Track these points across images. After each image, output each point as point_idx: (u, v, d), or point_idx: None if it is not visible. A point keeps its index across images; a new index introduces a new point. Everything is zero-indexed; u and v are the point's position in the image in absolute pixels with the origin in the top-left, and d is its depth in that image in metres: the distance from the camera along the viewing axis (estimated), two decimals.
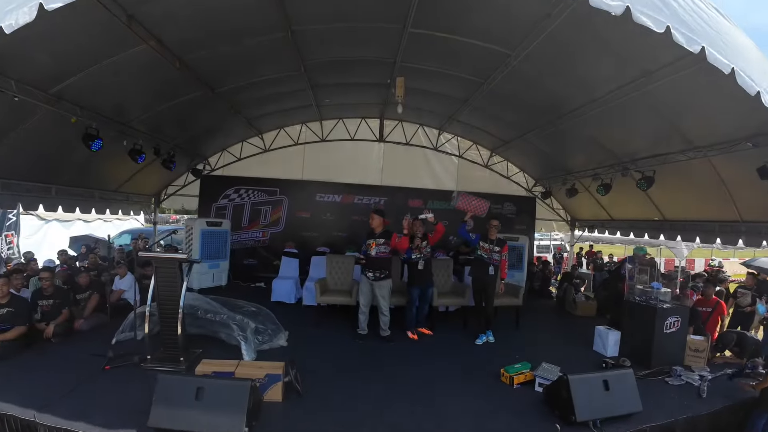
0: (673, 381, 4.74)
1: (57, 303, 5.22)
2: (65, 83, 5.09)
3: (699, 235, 7.56)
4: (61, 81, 5.05)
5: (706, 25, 3.37)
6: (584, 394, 3.56)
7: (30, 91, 4.82)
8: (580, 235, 11.80)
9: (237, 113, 8.15)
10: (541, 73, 6.07)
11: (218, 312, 4.94)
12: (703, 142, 6.01)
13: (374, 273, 5.72)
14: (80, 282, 6.05)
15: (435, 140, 10.55)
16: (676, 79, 4.88)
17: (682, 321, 5.29)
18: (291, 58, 6.28)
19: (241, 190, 10.02)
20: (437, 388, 4.25)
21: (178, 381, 3.31)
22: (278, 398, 3.74)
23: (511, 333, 6.41)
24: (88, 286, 6.00)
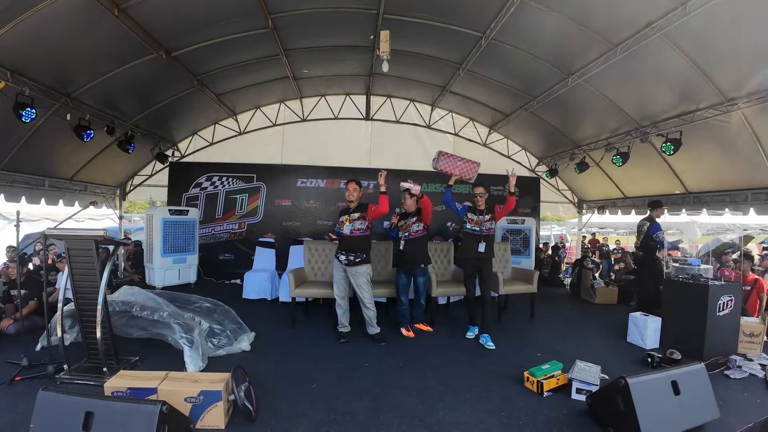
0: (734, 374, 3.86)
1: None
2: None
3: (729, 206, 6.60)
4: None
5: None
6: (650, 402, 2.57)
7: None
8: (588, 219, 10.82)
9: (202, 86, 7.13)
10: (549, 18, 5.14)
11: (158, 309, 3.89)
12: (737, 92, 5.11)
13: (347, 256, 4.62)
14: (11, 275, 5.00)
15: (428, 117, 9.57)
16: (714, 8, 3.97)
17: (735, 301, 4.32)
18: (256, 11, 5.35)
19: (214, 178, 8.98)
20: (442, 403, 3.22)
21: (61, 401, 2.29)
22: (219, 424, 2.72)
23: (526, 326, 5.43)
24: (24, 283, 4.91)
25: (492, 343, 4.57)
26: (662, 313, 4.70)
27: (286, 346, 4.48)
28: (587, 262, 7.82)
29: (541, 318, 5.75)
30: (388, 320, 5.23)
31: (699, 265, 4.69)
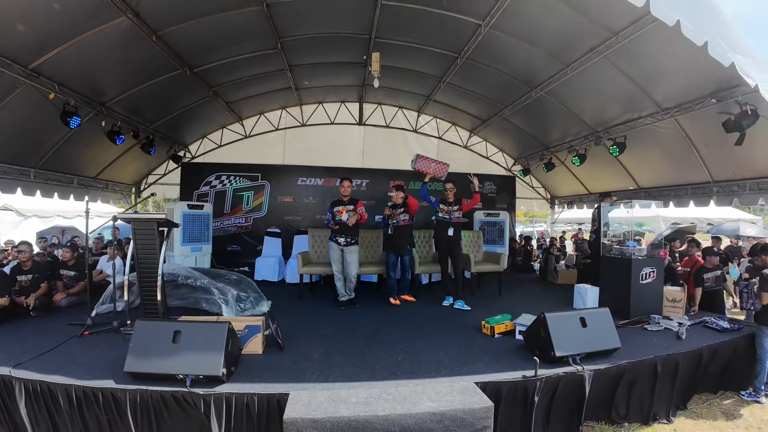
0: (651, 327, 4.90)
1: (36, 278, 5.18)
2: (44, 58, 5.10)
3: (673, 200, 7.76)
4: (40, 56, 5.06)
5: None
6: (562, 330, 3.66)
7: (9, 64, 4.81)
8: (560, 212, 12.00)
9: (216, 96, 8.14)
10: (512, 42, 6.20)
11: (199, 278, 4.94)
12: (669, 103, 6.25)
13: (345, 238, 5.76)
14: (63, 257, 5.98)
15: (414, 122, 10.66)
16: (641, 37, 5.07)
17: (657, 272, 5.46)
18: (268, 34, 6.33)
19: (223, 177, 9.99)
20: (419, 342, 4.31)
21: (154, 326, 3.32)
22: (258, 350, 3.78)
23: (494, 298, 6.54)
24: (73, 263, 5.91)
25: (467, 306, 5.80)
26: (600, 282, 5.84)
27: (298, 311, 5.57)
28: (553, 249, 8.97)
29: (508, 294, 6.88)
30: (379, 293, 6.38)
31: (635, 246, 5.84)
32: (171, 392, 2.99)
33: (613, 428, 3.71)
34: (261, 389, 3.02)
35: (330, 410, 2.70)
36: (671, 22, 3.48)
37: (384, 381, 3.30)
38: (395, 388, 3.11)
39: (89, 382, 3.10)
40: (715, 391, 4.46)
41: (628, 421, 3.78)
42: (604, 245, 6.19)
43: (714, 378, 4.43)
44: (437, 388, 3.12)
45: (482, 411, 2.86)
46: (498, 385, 3.32)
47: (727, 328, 4.77)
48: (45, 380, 3.14)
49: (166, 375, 3.06)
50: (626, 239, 6.06)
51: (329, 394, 2.92)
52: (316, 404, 2.77)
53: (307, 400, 2.82)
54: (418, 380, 3.34)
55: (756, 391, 4.31)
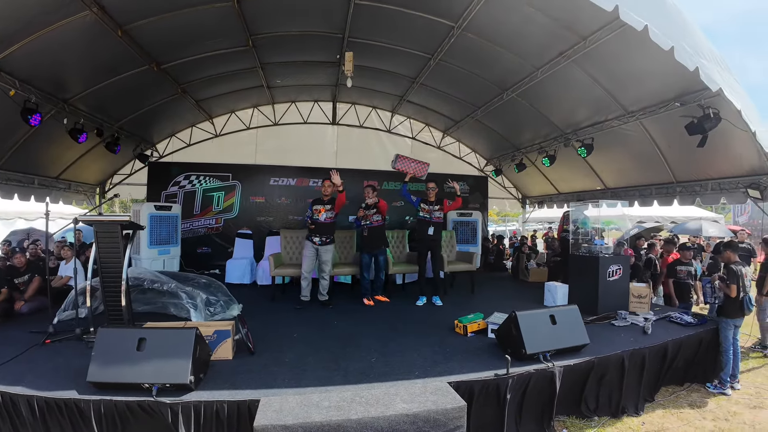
0: (618, 323, 5.06)
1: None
2: (4, 54, 4.83)
3: (638, 200, 8.01)
4: (0, 51, 4.79)
5: None
6: (532, 328, 3.74)
7: None
8: (531, 212, 12.25)
9: (184, 94, 7.92)
10: (484, 45, 6.26)
11: (166, 282, 4.78)
12: (635, 106, 6.43)
13: (321, 238, 5.75)
14: (16, 263, 5.69)
15: (388, 122, 10.66)
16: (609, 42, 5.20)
17: (623, 269, 5.64)
18: (238, 31, 6.17)
19: (192, 177, 9.72)
20: (393, 342, 4.31)
21: (117, 334, 3.19)
22: (228, 356, 3.68)
23: (467, 297, 6.61)
24: (26, 269, 5.65)
25: (440, 302, 5.96)
26: (570, 280, 5.98)
27: (270, 313, 5.48)
28: (525, 248, 9.14)
29: (481, 292, 6.97)
30: (353, 294, 6.34)
31: (602, 244, 6.01)
32: (137, 402, 2.88)
33: (583, 422, 3.80)
34: (231, 396, 2.94)
35: (302, 415, 2.65)
36: (639, 27, 3.58)
37: (357, 384, 3.27)
38: (368, 390, 3.09)
39: (52, 393, 2.97)
40: (681, 384, 4.63)
41: (598, 415, 3.88)
42: (572, 243, 6.35)
43: (680, 371, 4.60)
44: (411, 390, 3.10)
45: (455, 411, 2.87)
46: (471, 385, 3.35)
47: (691, 322, 4.97)
48: (6, 391, 2.99)
49: (131, 384, 2.95)
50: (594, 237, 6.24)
51: (301, 399, 2.87)
52: (288, 410, 2.71)
53: (279, 405, 2.76)
54: (392, 382, 3.33)
55: (722, 383, 4.50)
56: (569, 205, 9.65)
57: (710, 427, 3.78)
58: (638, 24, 3.60)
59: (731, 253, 4.73)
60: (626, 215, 11.68)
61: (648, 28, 3.62)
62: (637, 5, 3.61)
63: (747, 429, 3.75)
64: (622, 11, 3.54)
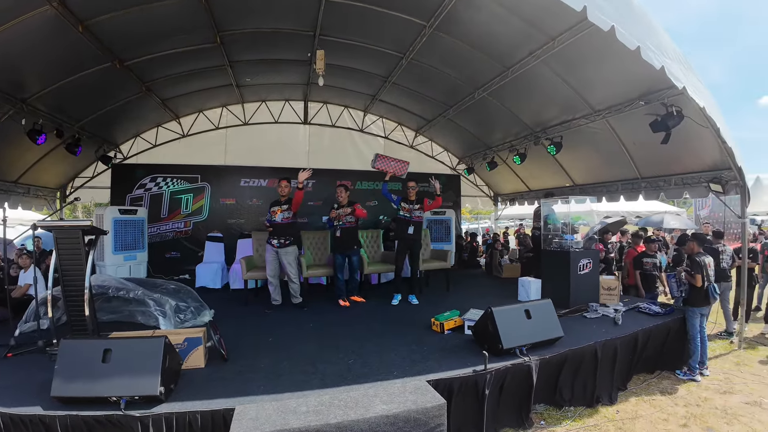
0: (590, 315, 5.21)
1: None
2: None
3: (605, 196, 8.24)
4: None
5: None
6: (508, 323, 3.78)
7: None
8: (503, 209, 12.43)
9: (149, 92, 7.63)
10: (455, 44, 6.29)
11: (132, 289, 4.58)
12: (602, 105, 6.60)
13: (279, 240, 5.66)
14: None
15: (361, 122, 10.60)
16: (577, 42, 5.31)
17: (593, 263, 5.79)
18: (206, 27, 5.97)
19: (159, 179, 9.39)
20: (370, 343, 4.27)
21: (81, 345, 3.02)
22: (200, 364, 3.55)
23: (442, 295, 6.62)
24: None
25: (416, 300, 5.98)
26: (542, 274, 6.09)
27: (243, 318, 5.33)
28: (497, 245, 9.26)
29: (456, 290, 7.02)
30: (328, 296, 6.26)
31: (572, 239, 6.14)
32: (105, 416, 2.73)
33: (560, 413, 3.87)
34: (204, 406, 2.82)
35: (279, 422, 2.58)
36: (606, 27, 3.66)
37: (335, 387, 3.21)
38: (347, 393, 3.04)
39: (16, 409, 2.78)
40: (652, 372, 4.79)
41: (574, 405, 3.96)
42: (545, 239, 6.47)
43: (650, 359, 4.76)
44: (390, 390, 3.07)
45: (435, 409, 2.86)
46: (450, 382, 3.35)
47: (659, 312, 5.15)
48: None
49: (97, 398, 2.80)
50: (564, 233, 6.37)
51: (278, 406, 2.79)
52: (264, 417, 2.63)
53: (255, 413, 2.67)
54: (370, 383, 3.28)
55: (691, 369, 4.68)
56: (539, 202, 9.89)
57: (682, 413, 3.91)
58: (605, 24, 3.67)
59: (694, 245, 4.91)
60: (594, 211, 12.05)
61: (615, 28, 3.70)
62: (604, 6, 3.68)
63: (719, 414, 3.90)
64: (590, 12, 3.60)
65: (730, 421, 3.75)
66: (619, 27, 3.72)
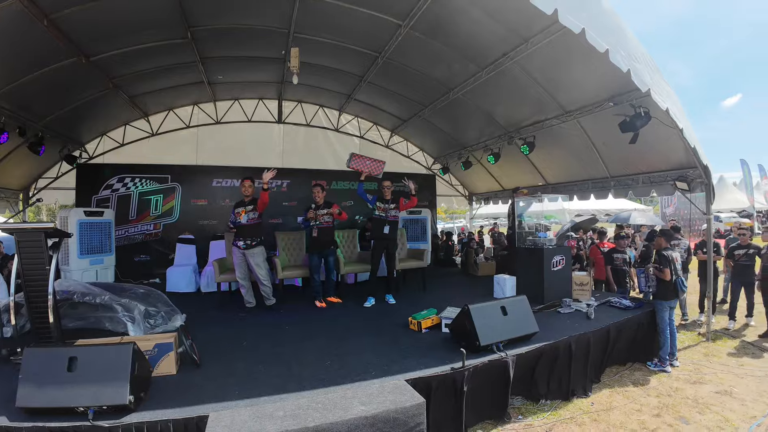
0: (563, 310, 5.33)
1: None
2: None
3: (576, 194, 8.44)
4: None
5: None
6: (485, 320, 3.81)
7: None
8: (478, 208, 12.58)
9: (117, 89, 7.36)
10: (431, 45, 6.31)
11: (99, 294, 4.40)
12: (573, 106, 6.75)
13: (245, 241, 5.53)
14: None
15: (336, 121, 10.53)
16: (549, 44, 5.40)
17: (566, 259, 5.92)
18: (176, 22, 5.81)
19: (126, 179, 9.07)
20: (348, 344, 4.22)
21: (46, 353, 2.86)
22: (171, 371, 3.42)
23: (419, 294, 6.64)
24: None
25: (393, 300, 5.97)
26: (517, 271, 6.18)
27: (216, 322, 5.19)
28: (473, 244, 9.36)
29: (433, 288, 7.03)
30: (304, 297, 6.19)
31: (546, 236, 6.26)
32: (72, 427, 2.60)
33: (537, 407, 3.94)
34: (176, 414, 2.72)
35: (255, 428, 2.51)
36: (577, 30, 3.74)
37: (313, 389, 3.15)
38: (325, 395, 2.99)
39: None
40: (624, 364, 4.95)
41: (551, 399, 4.04)
42: (519, 236, 6.57)
43: (622, 352, 4.91)
44: (368, 391, 3.04)
45: (414, 408, 2.84)
46: (428, 380, 3.34)
47: (630, 306, 5.30)
48: None
49: (64, 408, 2.66)
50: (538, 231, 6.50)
51: (254, 411, 2.72)
52: (240, 423, 2.56)
53: (229, 420, 2.59)
54: (349, 384, 3.24)
55: (661, 361, 4.84)
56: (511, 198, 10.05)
57: (655, 403, 4.03)
58: (576, 27, 3.76)
59: (662, 240, 5.08)
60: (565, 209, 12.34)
61: (585, 31, 3.78)
62: (575, 9, 3.77)
63: (690, 403, 4.03)
64: (561, 15, 3.67)
65: (702, 411, 3.88)
66: (589, 30, 3.80)
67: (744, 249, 6.35)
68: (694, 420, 3.72)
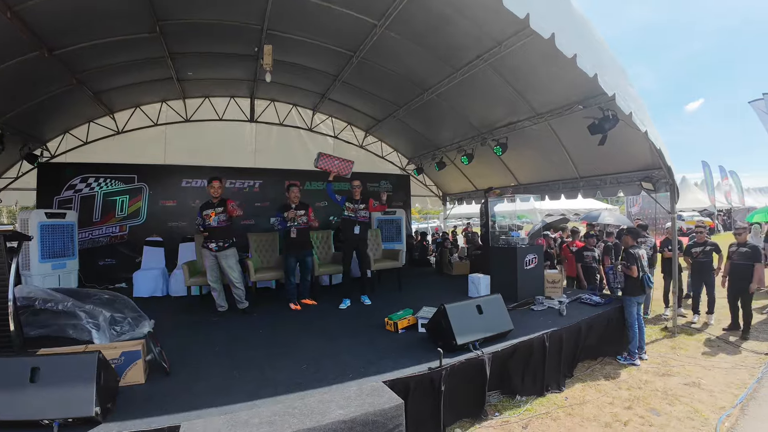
0: (537, 307, 5.44)
1: None
2: None
3: (547, 194, 8.64)
4: None
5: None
6: (461, 319, 3.85)
7: None
8: (451, 208, 12.70)
9: (81, 85, 7.03)
10: (406, 45, 6.31)
11: (62, 300, 4.19)
12: (544, 109, 6.89)
13: (217, 243, 5.39)
14: None
15: (310, 121, 10.42)
16: (521, 48, 5.50)
17: (538, 258, 6.05)
18: (144, 15, 5.60)
19: (90, 179, 8.68)
20: (324, 347, 4.17)
21: (5, 364, 2.70)
22: (140, 380, 3.29)
23: (395, 294, 6.63)
24: None
25: (369, 300, 5.95)
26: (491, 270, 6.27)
27: (187, 328, 5.03)
28: (447, 243, 9.44)
29: (408, 288, 7.05)
30: (278, 300, 6.11)
31: (518, 236, 6.37)
32: None
33: (513, 403, 4.00)
34: (146, 425, 2.61)
35: None
36: (547, 35, 3.81)
37: (289, 394, 3.09)
38: (301, 400, 2.93)
39: None
40: (595, 358, 5.09)
41: (526, 395, 4.11)
42: (492, 236, 6.66)
43: (593, 347, 5.05)
44: (346, 394, 3.00)
45: (393, 410, 2.83)
46: (406, 381, 3.34)
47: (600, 302, 5.46)
48: None
49: (27, 422, 2.53)
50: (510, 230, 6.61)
51: (228, 419, 2.64)
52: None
53: (202, 429, 2.51)
54: (326, 388, 3.20)
55: (630, 354, 5.01)
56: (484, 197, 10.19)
57: (626, 395, 4.15)
58: (546, 32, 3.83)
59: (629, 238, 5.25)
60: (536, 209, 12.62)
61: (554, 36, 3.86)
62: (546, 14, 3.83)
63: (660, 395, 4.18)
64: (532, 20, 3.73)
65: (672, 402, 4.02)
66: (558, 35, 3.88)
67: (701, 246, 6.47)
68: (664, 411, 3.85)
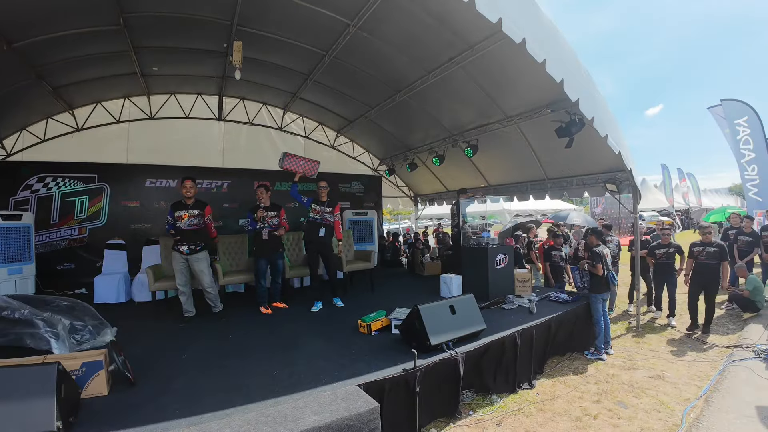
0: (508, 306, 5.55)
1: None
2: None
3: (516, 195, 8.84)
4: None
5: (512, 4, 3.88)
6: (434, 320, 3.87)
7: None
8: (423, 209, 12.79)
9: (39, 79, 6.64)
10: (379, 46, 6.31)
11: (18, 308, 3.95)
12: (514, 111, 7.03)
13: (188, 246, 5.22)
14: None
15: (280, 120, 10.24)
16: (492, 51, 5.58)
17: (508, 258, 6.17)
18: (108, 7, 5.34)
19: (48, 179, 8.22)
20: (296, 351, 4.10)
21: None
22: (102, 391, 3.13)
23: (367, 296, 6.61)
24: None
25: (341, 302, 5.90)
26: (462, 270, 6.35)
27: (152, 335, 4.83)
28: (418, 244, 9.50)
29: (381, 290, 7.05)
30: (248, 304, 5.99)
31: (488, 236, 6.47)
32: None
33: (486, 401, 4.05)
34: None
35: None
36: (518, 40, 3.89)
37: (261, 401, 3.01)
38: (274, 407, 2.86)
39: None
40: (563, 354, 5.24)
41: (499, 392, 4.18)
42: (463, 236, 6.74)
43: (562, 343, 5.20)
44: (320, 399, 2.96)
45: (368, 414, 2.81)
46: (381, 384, 3.33)
47: (567, 300, 5.63)
48: None
49: None
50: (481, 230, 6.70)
51: (197, 430, 2.55)
52: None
53: None
54: (299, 393, 3.14)
55: (597, 349, 5.18)
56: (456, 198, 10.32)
57: (594, 389, 4.28)
58: (517, 37, 3.91)
59: (593, 238, 5.42)
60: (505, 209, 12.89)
61: (525, 41, 3.95)
62: (518, 19, 3.92)
63: (626, 388, 4.34)
64: (504, 24, 3.80)
65: (638, 395, 4.18)
66: (529, 40, 3.97)
67: (665, 248, 6.61)
68: (631, 404, 3.99)
